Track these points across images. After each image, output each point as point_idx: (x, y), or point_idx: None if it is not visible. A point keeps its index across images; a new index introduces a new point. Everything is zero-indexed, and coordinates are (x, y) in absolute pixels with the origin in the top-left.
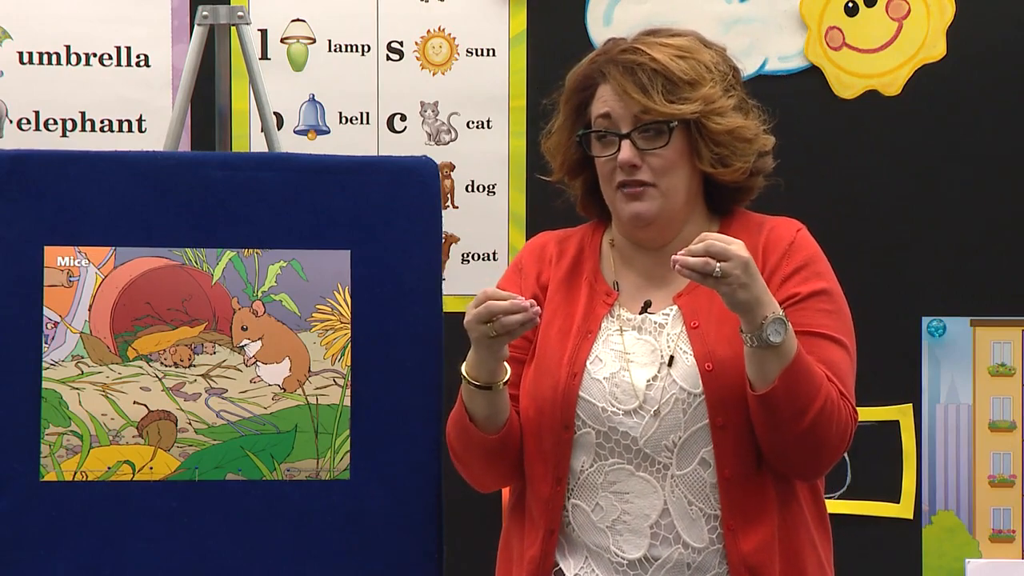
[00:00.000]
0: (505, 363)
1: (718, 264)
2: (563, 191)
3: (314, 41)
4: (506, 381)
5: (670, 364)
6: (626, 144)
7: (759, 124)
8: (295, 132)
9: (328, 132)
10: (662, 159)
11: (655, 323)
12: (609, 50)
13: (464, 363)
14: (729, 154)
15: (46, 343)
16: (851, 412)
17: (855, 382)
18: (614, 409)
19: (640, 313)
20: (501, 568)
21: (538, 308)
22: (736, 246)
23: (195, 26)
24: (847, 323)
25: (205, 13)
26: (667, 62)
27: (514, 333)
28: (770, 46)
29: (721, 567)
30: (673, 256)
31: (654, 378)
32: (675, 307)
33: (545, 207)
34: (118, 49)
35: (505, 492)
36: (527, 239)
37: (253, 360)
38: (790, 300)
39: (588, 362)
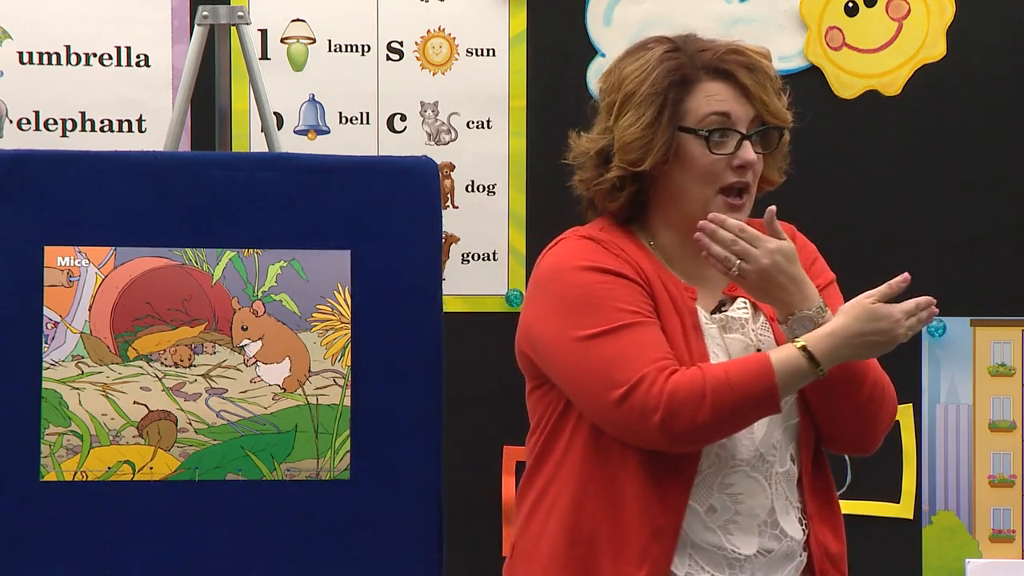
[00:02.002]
0: None
1: (738, 262)
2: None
3: (314, 41)
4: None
5: None
6: (748, 145)
7: None
8: (295, 132)
9: (328, 132)
10: (765, 162)
11: (736, 319)
12: (699, 46)
13: (805, 338)
14: (785, 164)
15: (46, 343)
16: (890, 387)
17: None
18: None
19: (715, 312)
20: (571, 565)
21: None
22: (762, 251)
23: (195, 26)
24: None
25: (205, 13)
26: (769, 69)
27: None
28: (770, 46)
29: (803, 555)
30: (698, 234)
31: None
32: (745, 300)
33: (545, 207)
34: (118, 49)
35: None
36: (527, 239)
37: (253, 360)
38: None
39: (710, 359)
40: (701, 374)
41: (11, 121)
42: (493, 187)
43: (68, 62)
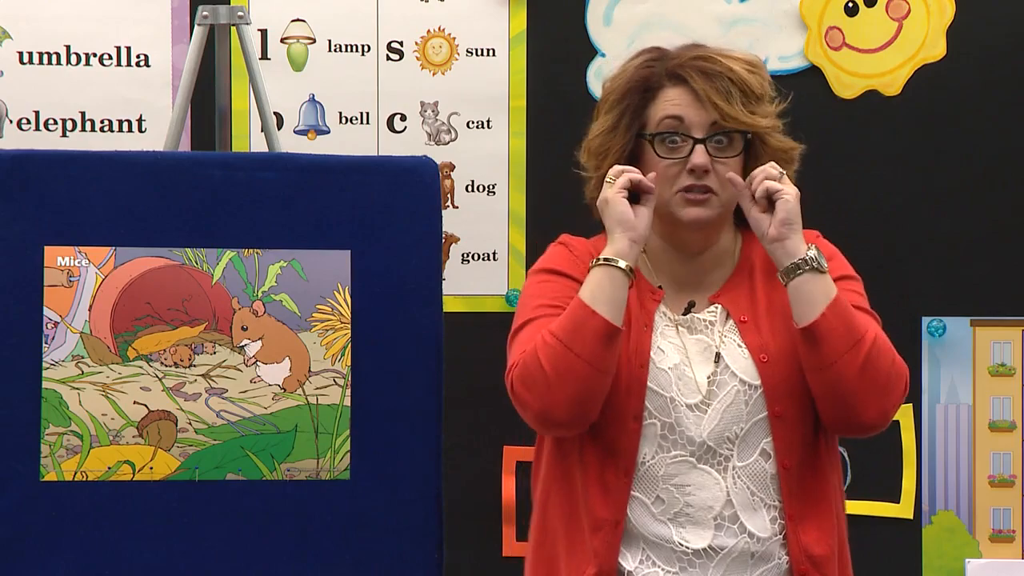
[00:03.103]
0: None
1: (781, 188)
2: (564, 191)
3: (314, 41)
4: (632, 276)
5: (716, 360)
6: (700, 149)
7: (799, 147)
8: (295, 132)
9: (328, 132)
10: (728, 168)
11: (703, 321)
12: (672, 56)
13: (602, 254)
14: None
15: (46, 343)
16: (902, 365)
17: None
18: (680, 400)
19: (684, 313)
20: (541, 564)
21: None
22: (788, 187)
23: (195, 26)
24: (874, 314)
25: (205, 13)
26: (743, 74)
27: (642, 187)
28: (770, 46)
29: (782, 557)
30: (735, 179)
31: (712, 374)
32: (718, 306)
33: (545, 207)
34: (118, 49)
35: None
36: (527, 239)
37: (253, 360)
38: None
39: (652, 353)
40: (533, 344)
41: (11, 121)
42: (493, 187)
43: (68, 62)
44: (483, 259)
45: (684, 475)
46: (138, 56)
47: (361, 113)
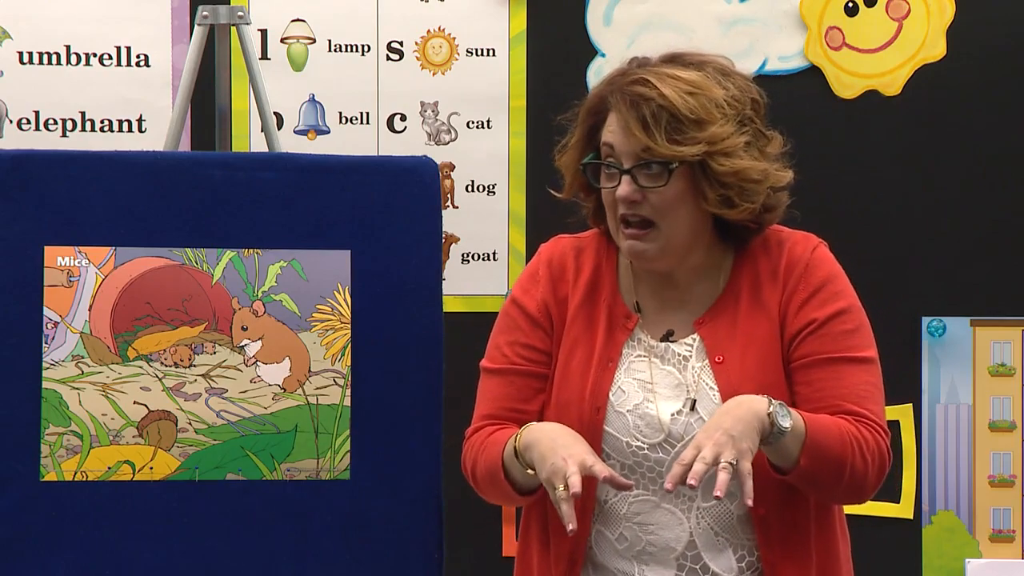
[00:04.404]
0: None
1: (724, 459)
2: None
3: (314, 41)
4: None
5: (692, 408)
6: (626, 180)
7: (774, 159)
8: (295, 132)
9: (328, 132)
10: (662, 197)
11: (678, 354)
12: (621, 76)
13: (529, 446)
14: (735, 195)
15: (46, 343)
16: (877, 433)
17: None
18: (639, 443)
19: (662, 341)
20: (520, 572)
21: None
22: (707, 449)
23: (195, 26)
24: (868, 336)
25: (205, 13)
26: (674, 99)
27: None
28: (770, 46)
29: None
30: (667, 486)
31: (678, 412)
32: (697, 337)
33: (545, 207)
34: (118, 49)
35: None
36: (527, 239)
37: (253, 360)
38: (809, 327)
39: (611, 394)
40: (475, 444)
41: (11, 121)
42: (493, 187)
43: (68, 62)
44: (483, 259)
45: (647, 514)
46: (138, 56)
47: (361, 113)
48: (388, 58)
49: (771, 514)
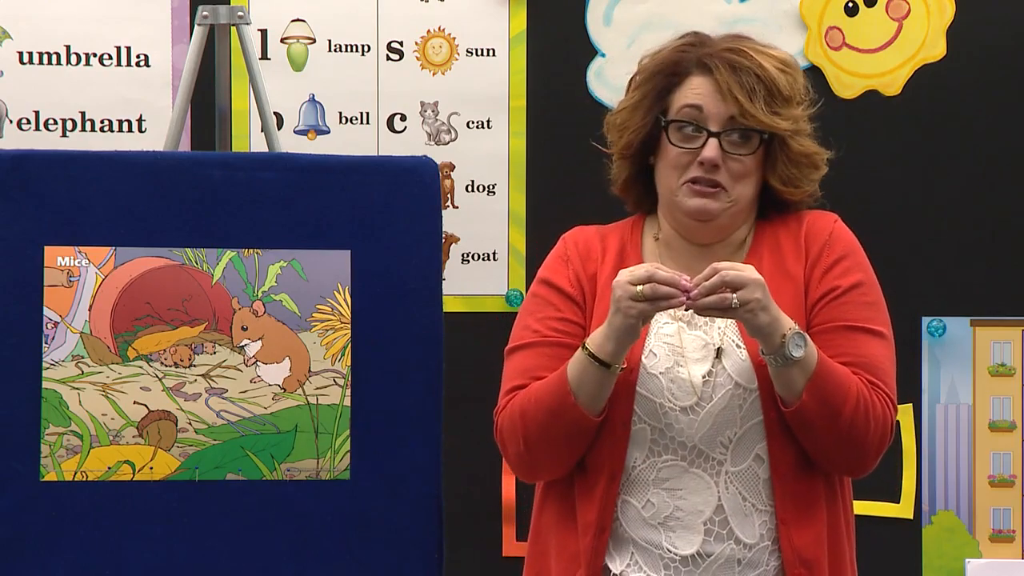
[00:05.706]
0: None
1: (734, 296)
2: (564, 191)
3: (314, 41)
4: (623, 367)
5: (718, 356)
6: (713, 143)
7: (826, 153)
8: (295, 132)
9: (328, 132)
10: (743, 166)
11: (705, 319)
12: (707, 43)
13: (588, 339)
14: (800, 176)
15: (46, 343)
16: (886, 404)
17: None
18: (671, 405)
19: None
20: (535, 563)
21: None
22: (748, 270)
23: (195, 26)
24: (884, 313)
25: (205, 13)
26: (773, 73)
27: (658, 305)
28: None
29: (771, 563)
30: (688, 301)
31: (709, 373)
32: None
33: (545, 207)
34: (118, 49)
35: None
36: (527, 239)
37: (253, 360)
38: (831, 293)
39: (643, 357)
40: (517, 399)
41: (11, 121)
42: (493, 187)
43: (68, 62)
44: (483, 259)
45: (676, 479)
46: (138, 56)
47: (361, 113)
48: (388, 58)
49: (788, 473)
